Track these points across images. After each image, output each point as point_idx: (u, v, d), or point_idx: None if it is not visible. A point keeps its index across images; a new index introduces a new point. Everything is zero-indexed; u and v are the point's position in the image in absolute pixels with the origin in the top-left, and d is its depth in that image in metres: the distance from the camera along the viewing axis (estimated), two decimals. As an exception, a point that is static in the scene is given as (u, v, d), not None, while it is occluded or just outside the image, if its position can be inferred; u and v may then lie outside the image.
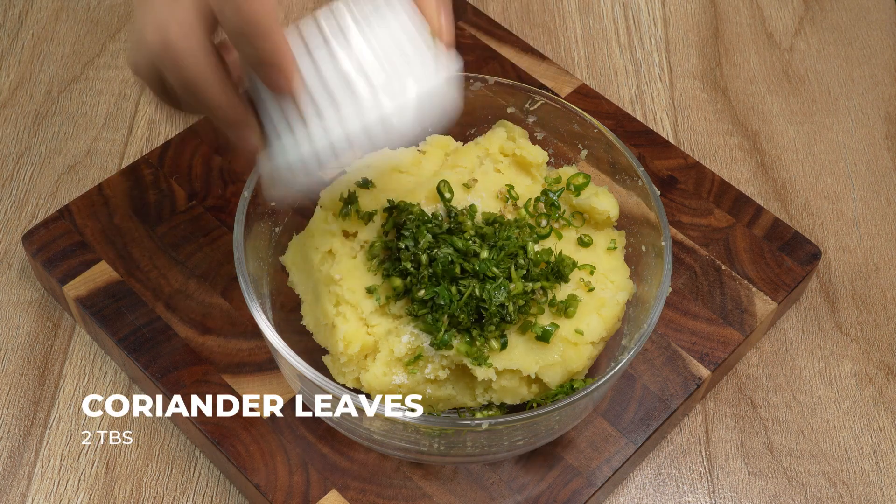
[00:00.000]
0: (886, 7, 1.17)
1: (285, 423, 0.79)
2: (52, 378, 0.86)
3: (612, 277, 0.78)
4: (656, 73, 1.09)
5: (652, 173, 0.94)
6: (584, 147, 0.86)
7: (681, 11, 1.15)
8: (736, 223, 0.91)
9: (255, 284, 0.76)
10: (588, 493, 0.77)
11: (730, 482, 0.83)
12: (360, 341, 0.74)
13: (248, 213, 0.77)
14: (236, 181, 0.92)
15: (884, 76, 1.10)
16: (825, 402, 0.87)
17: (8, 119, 1.02)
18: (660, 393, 0.81)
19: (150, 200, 0.90)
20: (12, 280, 0.91)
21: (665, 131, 1.04)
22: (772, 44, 1.12)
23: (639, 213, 0.81)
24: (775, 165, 1.02)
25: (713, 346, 0.84)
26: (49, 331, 0.88)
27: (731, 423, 0.86)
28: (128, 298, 0.84)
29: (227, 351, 0.82)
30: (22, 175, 0.98)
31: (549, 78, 1.01)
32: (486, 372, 0.73)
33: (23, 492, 0.80)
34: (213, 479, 0.82)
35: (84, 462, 0.82)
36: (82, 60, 1.07)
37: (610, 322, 0.76)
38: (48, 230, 0.88)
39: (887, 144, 1.04)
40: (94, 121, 1.02)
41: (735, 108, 1.07)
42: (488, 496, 0.76)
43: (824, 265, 0.95)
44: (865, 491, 0.83)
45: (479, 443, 0.73)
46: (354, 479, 0.76)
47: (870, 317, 0.92)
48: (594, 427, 0.79)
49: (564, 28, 1.13)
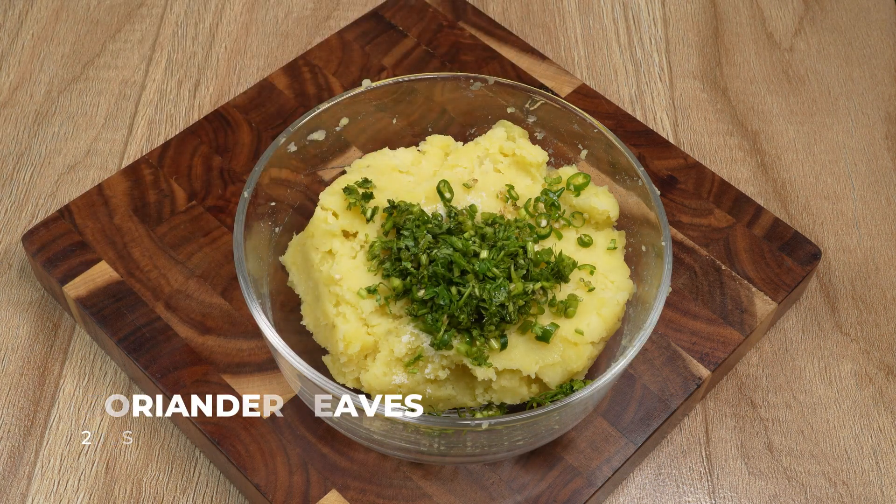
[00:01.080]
0: (886, 7, 1.17)
1: (285, 423, 0.79)
2: (52, 378, 0.86)
3: (612, 277, 0.78)
4: (656, 73, 1.09)
5: (652, 173, 0.94)
6: (584, 147, 0.86)
7: (681, 11, 1.15)
8: (736, 223, 0.91)
9: (255, 284, 0.76)
10: (588, 493, 0.77)
11: (730, 482, 0.83)
12: (360, 341, 0.74)
13: (248, 213, 0.77)
14: (236, 181, 0.92)
15: (884, 76, 1.10)
16: (825, 402, 0.87)
17: (8, 119, 1.02)
18: (660, 393, 0.81)
19: (150, 200, 0.90)
20: (12, 280, 0.91)
21: (665, 131, 1.04)
22: (772, 44, 1.12)
23: (639, 213, 0.81)
24: (775, 165, 1.02)
25: (713, 346, 0.84)
26: (49, 331, 0.88)
27: (731, 423, 0.86)
28: (128, 298, 0.84)
29: (227, 351, 0.82)
30: (22, 175, 0.98)
31: (549, 78, 1.01)
32: (486, 372, 0.73)
33: (23, 492, 0.80)
34: (213, 479, 0.82)
35: (84, 462, 0.82)
36: (82, 60, 1.07)
37: (610, 322, 0.76)
38: (48, 230, 0.88)
39: (887, 144, 1.04)
40: (94, 121, 1.02)
41: (735, 108, 1.07)
42: (488, 496, 0.76)
43: (824, 265, 0.95)
44: (865, 491, 0.83)
45: (479, 443, 0.73)
46: (354, 479, 0.77)
47: (870, 317, 0.92)
48: (594, 427, 0.79)
49: (564, 28, 1.13)
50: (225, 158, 0.93)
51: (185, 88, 1.05)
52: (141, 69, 1.07)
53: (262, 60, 1.08)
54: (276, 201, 0.83)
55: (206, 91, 1.05)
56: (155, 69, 1.07)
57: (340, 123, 0.87)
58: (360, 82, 0.97)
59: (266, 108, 0.97)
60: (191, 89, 1.05)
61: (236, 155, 0.94)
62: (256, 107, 0.97)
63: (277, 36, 1.10)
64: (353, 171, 0.84)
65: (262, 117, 0.96)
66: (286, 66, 1.00)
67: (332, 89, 0.99)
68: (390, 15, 1.05)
